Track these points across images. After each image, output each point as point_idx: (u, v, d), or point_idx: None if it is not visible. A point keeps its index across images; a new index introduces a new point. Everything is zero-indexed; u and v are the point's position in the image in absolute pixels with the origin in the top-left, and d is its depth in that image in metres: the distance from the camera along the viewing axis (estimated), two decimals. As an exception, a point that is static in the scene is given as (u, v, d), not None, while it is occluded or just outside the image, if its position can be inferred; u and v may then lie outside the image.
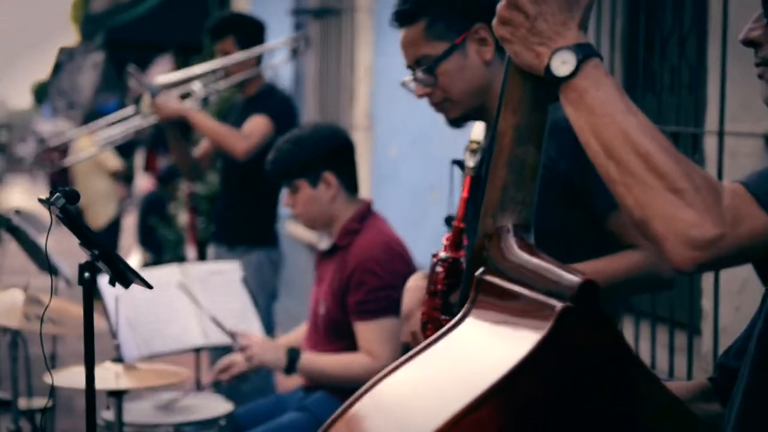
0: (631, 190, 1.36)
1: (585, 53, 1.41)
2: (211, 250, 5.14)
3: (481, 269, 1.43)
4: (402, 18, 2.46)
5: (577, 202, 2.29)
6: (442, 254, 2.31)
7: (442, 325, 2.32)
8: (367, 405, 1.37)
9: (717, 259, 1.34)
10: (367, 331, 3.31)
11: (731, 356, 1.76)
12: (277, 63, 5.18)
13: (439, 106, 2.46)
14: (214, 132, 4.71)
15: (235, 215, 4.94)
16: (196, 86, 4.86)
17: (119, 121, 5.15)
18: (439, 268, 2.32)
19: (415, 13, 2.43)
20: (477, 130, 2.33)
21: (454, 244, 2.31)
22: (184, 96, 4.90)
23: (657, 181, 1.34)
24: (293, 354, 3.28)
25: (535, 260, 1.39)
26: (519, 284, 1.37)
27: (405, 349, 2.46)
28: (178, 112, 4.68)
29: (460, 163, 2.36)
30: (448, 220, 2.38)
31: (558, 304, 1.29)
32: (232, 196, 4.98)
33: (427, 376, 1.37)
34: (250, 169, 4.77)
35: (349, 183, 3.48)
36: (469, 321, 1.41)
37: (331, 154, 3.44)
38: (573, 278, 1.30)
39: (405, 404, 1.34)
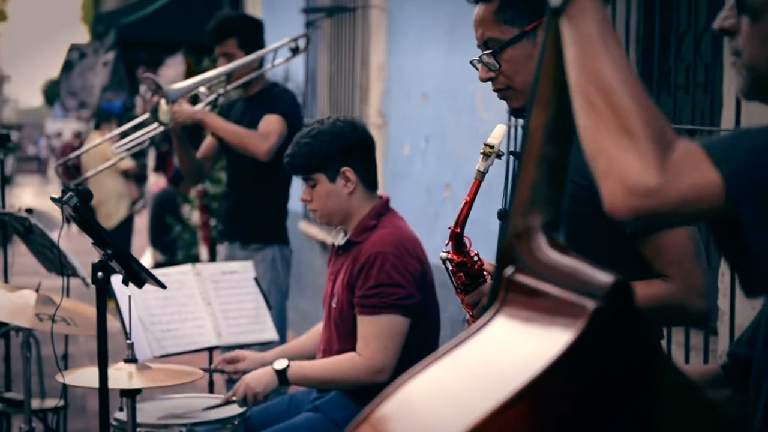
0: (588, 124, 1.35)
1: None
2: (222, 248, 5.10)
3: (510, 268, 1.41)
4: None
5: (605, 217, 2.22)
6: (442, 254, 2.29)
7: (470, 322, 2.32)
8: (394, 405, 1.35)
9: (655, 211, 1.31)
10: (365, 325, 3.29)
11: (742, 345, 1.76)
12: (279, 63, 5.16)
13: (501, 93, 2.37)
14: (234, 135, 4.70)
15: (247, 213, 4.92)
16: (202, 90, 4.85)
17: (135, 127, 5.14)
18: (449, 266, 2.30)
19: None
20: (495, 133, 2.28)
21: (455, 249, 2.27)
22: (194, 101, 4.90)
23: (613, 118, 1.33)
24: (281, 371, 3.28)
25: (565, 259, 1.37)
26: (549, 283, 1.35)
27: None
28: (194, 116, 4.68)
29: (517, 155, 2.31)
30: (502, 215, 2.33)
31: (590, 304, 1.27)
32: (243, 193, 4.97)
33: (455, 376, 1.35)
34: (258, 166, 4.77)
35: (368, 179, 3.46)
36: (499, 321, 1.38)
37: (351, 149, 3.41)
38: (605, 277, 1.28)
39: (432, 405, 1.32)
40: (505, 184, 2.46)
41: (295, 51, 5.14)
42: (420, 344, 3.31)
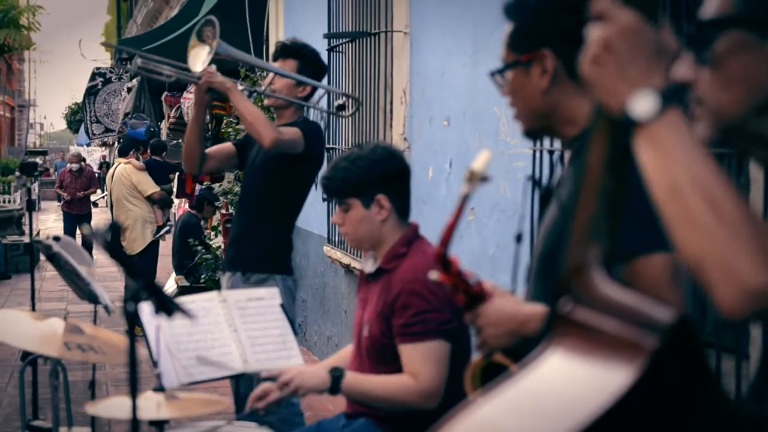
0: (692, 233, 1.35)
1: (668, 98, 1.40)
2: (224, 279, 5.06)
3: (566, 302, 1.39)
4: (505, 10, 2.35)
5: None
6: (432, 275, 2.26)
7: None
8: None
9: None
10: (411, 353, 3.27)
11: (752, 401, 1.72)
12: (320, 107, 5.29)
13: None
14: (252, 114, 4.77)
15: (251, 241, 4.92)
16: (241, 82, 5.00)
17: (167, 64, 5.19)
18: (447, 286, 2.28)
19: (509, 12, 2.32)
20: (480, 158, 2.24)
21: (443, 270, 2.24)
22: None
23: (719, 228, 1.33)
24: (337, 373, 3.26)
25: (623, 295, 1.34)
26: (607, 319, 1.32)
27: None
28: (224, 85, 4.77)
29: (538, 183, 2.30)
30: (519, 238, 2.31)
31: (648, 342, 1.24)
32: (250, 221, 4.98)
33: (510, 414, 1.30)
34: (267, 196, 4.83)
35: (402, 207, 3.45)
36: (552, 357, 1.35)
37: (388, 177, 3.41)
38: (665, 314, 1.26)
39: None
40: (522, 208, 2.44)
41: (340, 109, 5.30)
42: (457, 369, 3.28)
